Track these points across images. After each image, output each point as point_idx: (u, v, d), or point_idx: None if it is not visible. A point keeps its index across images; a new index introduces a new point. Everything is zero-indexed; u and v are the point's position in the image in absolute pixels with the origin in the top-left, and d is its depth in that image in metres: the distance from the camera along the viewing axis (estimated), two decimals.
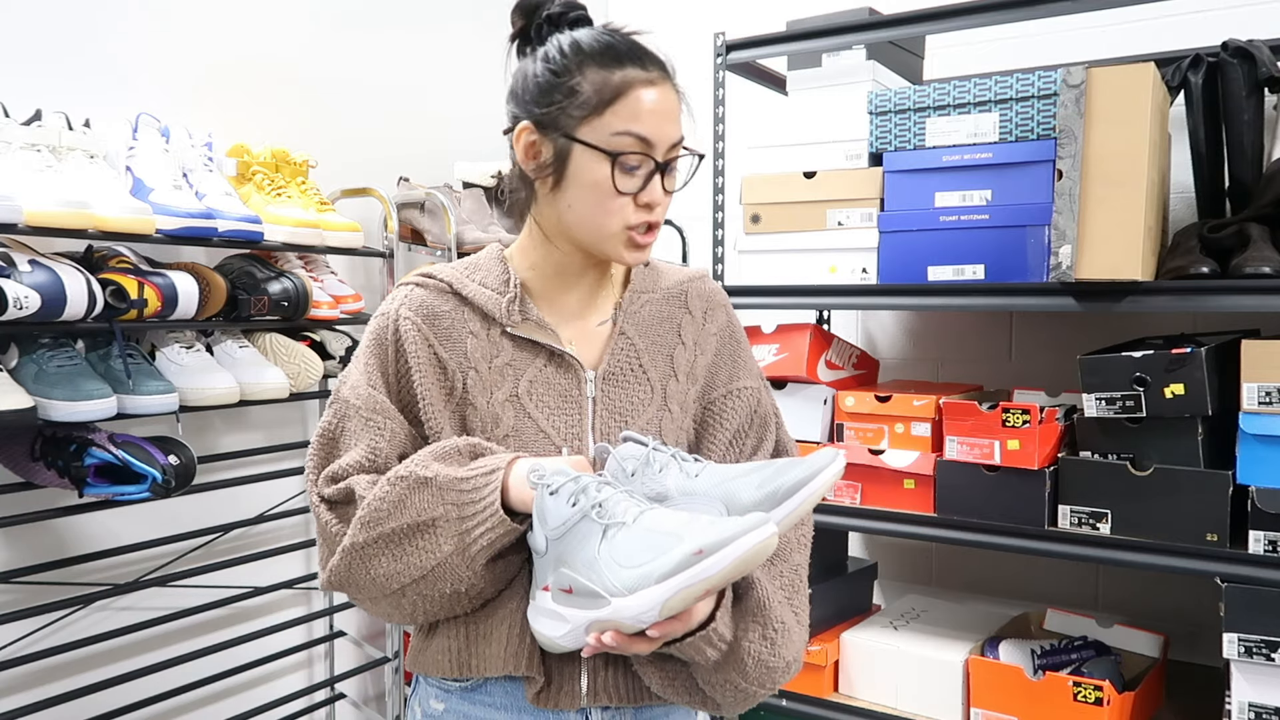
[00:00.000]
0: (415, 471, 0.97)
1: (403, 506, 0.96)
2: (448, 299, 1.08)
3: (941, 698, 1.89)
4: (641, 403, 1.08)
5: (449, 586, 0.97)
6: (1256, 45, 1.74)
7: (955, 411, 1.84)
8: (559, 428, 1.05)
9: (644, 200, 1.02)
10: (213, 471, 2.03)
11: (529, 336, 1.07)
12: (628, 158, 1.00)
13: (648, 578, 0.86)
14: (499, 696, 1.05)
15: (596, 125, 1.00)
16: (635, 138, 1.00)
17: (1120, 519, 1.71)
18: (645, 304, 1.14)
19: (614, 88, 1.00)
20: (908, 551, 2.44)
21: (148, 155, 1.78)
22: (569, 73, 1.01)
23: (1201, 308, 1.63)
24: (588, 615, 0.90)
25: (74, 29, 1.86)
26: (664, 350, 1.12)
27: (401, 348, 1.06)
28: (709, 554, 0.83)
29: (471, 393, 1.05)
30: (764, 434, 1.15)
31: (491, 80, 2.70)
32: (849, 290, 1.94)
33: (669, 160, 1.03)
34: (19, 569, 1.73)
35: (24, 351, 1.60)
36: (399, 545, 0.97)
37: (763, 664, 0.99)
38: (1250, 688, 1.59)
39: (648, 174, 1.02)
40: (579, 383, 1.07)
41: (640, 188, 1.01)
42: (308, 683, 2.33)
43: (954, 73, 2.25)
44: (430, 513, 0.96)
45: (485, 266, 1.12)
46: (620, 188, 1.01)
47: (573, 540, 0.92)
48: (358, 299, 2.17)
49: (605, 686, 1.03)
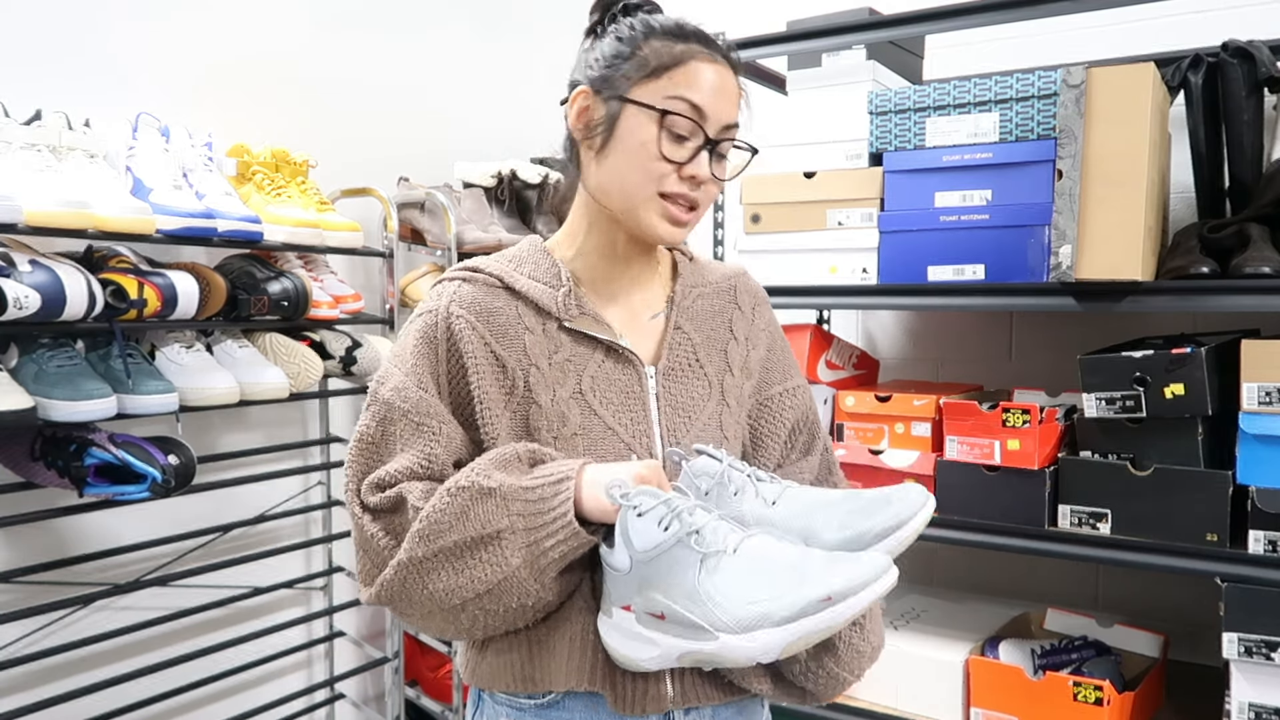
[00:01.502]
0: (477, 481, 0.92)
1: (465, 518, 0.92)
2: (499, 294, 1.04)
3: (942, 698, 1.89)
4: (701, 398, 1.07)
5: (515, 600, 0.93)
6: (1256, 45, 1.74)
7: (955, 411, 1.84)
8: (625, 424, 1.02)
9: (689, 172, 1.00)
10: (213, 471, 2.03)
11: (587, 331, 1.04)
12: (676, 120, 0.99)
13: (767, 618, 0.83)
14: (579, 712, 1.01)
15: (652, 88, 1.00)
16: (689, 103, 0.99)
17: (1120, 519, 1.71)
18: (697, 298, 1.12)
19: (675, 55, 1.00)
20: (908, 551, 2.43)
21: (148, 155, 1.78)
22: (635, 43, 1.01)
23: (1201, 308, 1.63)
24: (685, 645, 0.88)
25: (74, 29, 1.86)
26: (718, 345, 1.11)
27: (455, 347, 1.01)
28: (837, 601, 0.81)
29: (535, 390, 1.01)
30: (815, 433, 1.16)
31: (491, 80, 2.71)
32: (849, 290, 1.94)
33: (721, 140, 1.02)
34: (19, 569, 1.73)
35: (24, 351, 1.60)
36: (461, 559, 0.92)
37: (854, 649, 1.00)
38: (1250, 688, 1.59)
39: (697, 146, 1.00)
40: (640, 378, 1.04)
41: (688, 159, 1.00)
42: (308, 683, 2.33)
43: (954, 73, 2.25)
44: (495, 524, 0.91)
45: (531, 259, 1.08)
46: (665, 152, 0.99)
47: (663, 565, 0.88)
48: (358, 299, 2.17)
49: (692, 688, 1.01)
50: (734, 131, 1.03)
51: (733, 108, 1.02)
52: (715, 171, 1.02)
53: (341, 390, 2.24)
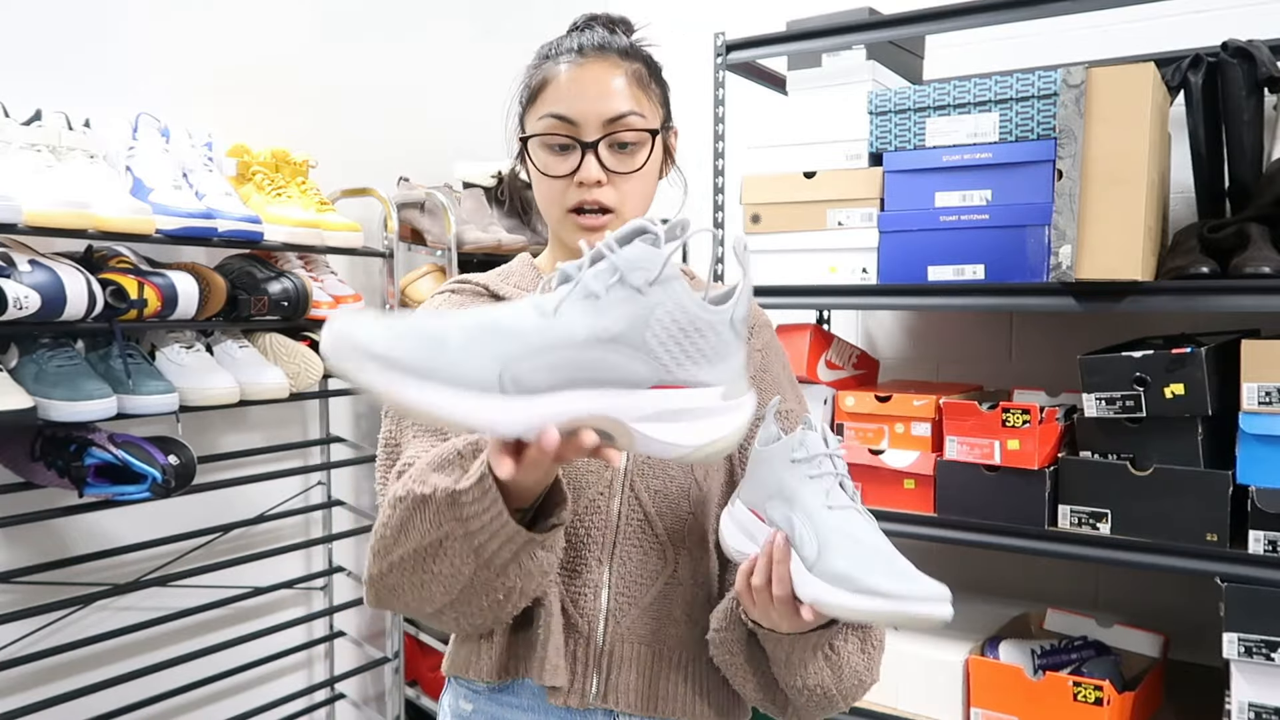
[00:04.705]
0: (414, 490, 0.87)
1: (406, 531, 0.87)
2: (485, 301, 1.08)
3: (942, 698, 1.89)
4: None
5: (487, 599, 0.90)
6: (1256, 45, 1.74)
7: (955, 411, 1.84)
8: None
9: (578, 179, 1.01)
10: (213, 471, 2.03)
11: None
12: (548, 139, 1.02)
13: (852, 582, 0.84)
14: (526, 698, 1.03)
15: (533, 115, 1.04)
16: (554, 118, 1.01)
17: (1120, 519, 1.71)
18: None
19: (542, 76, 1.03)
20: (907, 551, 2.43)
21: (148, 155, 1.78)
22: (525, 78, 1.07)
23: (1201, 308, 1.63)
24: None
25: (74, 29, 1.86)
26: None
27: None
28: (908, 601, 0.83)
29: None
30: None
31: (491, 80, 2.71)
32: (849, 290, 1.94)
33: (608, 136, 1.01)
34: (19, 569, 1.73)
35: (24, 351, 1.60)
36: (416, 572, 0.89)
37: (857, 675, 0.99)
38: (1250, 688, 1.59)
39: (579, 154, 1.01)
40: None
41: (573, 169, 1.01)
42: (308, 683, 2.33)
43: (954, 73, 2.25)
44: (435, 534, 0.86)
45: (518, 272, 1.13)
46: (545, 170, 1.02)
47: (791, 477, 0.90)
48: (358, 299, 2.17)
49: (616, 689, 1.02)
50: (624, 122, 1.02)
51: (610, 101, 1.01)
52: (614, 166, 1.02)
53: (341, 390, 2.24)
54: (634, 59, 1.05)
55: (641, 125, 1.03)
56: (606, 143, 1.01)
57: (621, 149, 1.02)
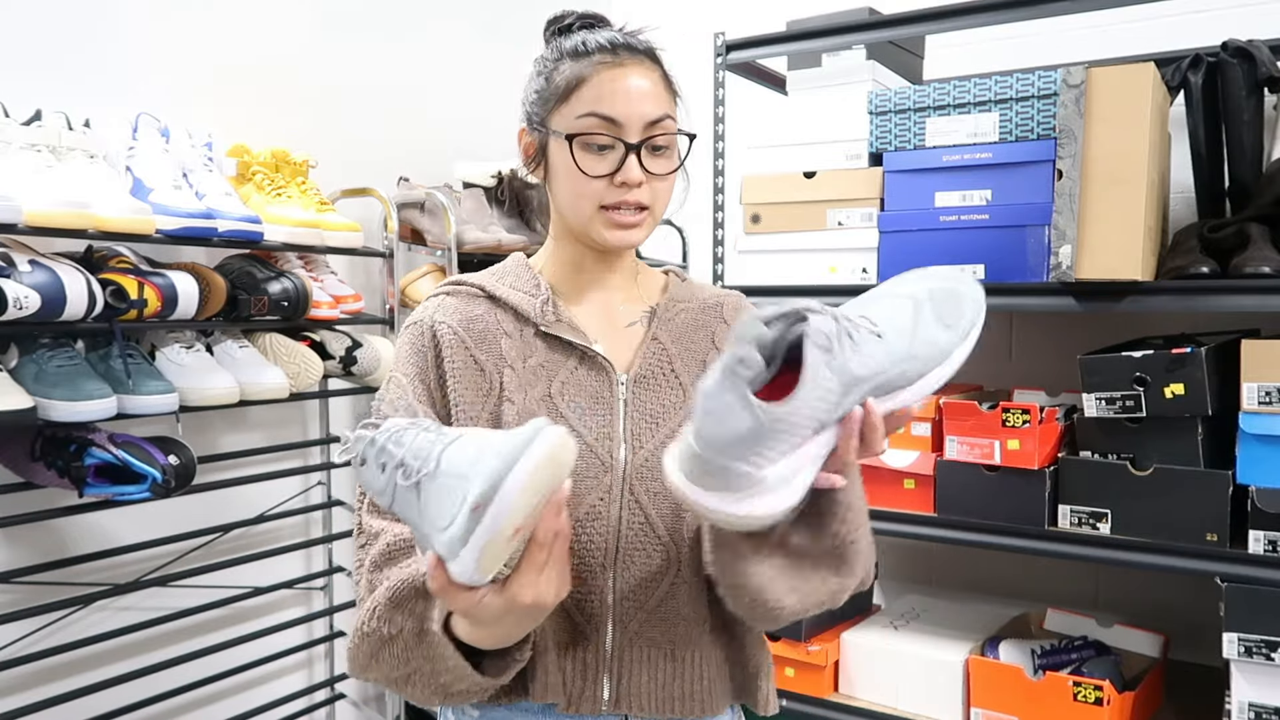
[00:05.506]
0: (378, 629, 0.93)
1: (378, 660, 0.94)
2: (480, 302, 1.08)
3: (941, 698, 1.89)
4: (672, 406, 1.07)
5: (467, 685, 0.93)
6: (1256, 45, 1.74)
7: (955, 411, 1.84)
8: (590, 428, 1.04)
9: (619, 180, 1.02)
10: (213, 471, 2.03)
11: (562, 336, 1.06)
12: (590, 138, 1.02)
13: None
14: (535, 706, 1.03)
15: (564, 112, 1.03)
16: (598, 118, 1.01)
17: (1120, 519, 1.71)
18: (680, 311, 1.14)
19: (579, 74, 1.03)
20: (908, 551, 2.44)
21: (148, 155, 1.78)
22: (548, 73, 1.06)
23: (1201, 308, 1.63)
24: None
25: (74, 29, 1.86)
26: (697, 356, 1.11)
27: (440, 354, 1.04)
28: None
29: (508, 389, 1.03)
30: None
31: (491, 80, 2.71)
32: (849, 290, 1.94)
33: (648, 140, 1.02)
34: (19, 569, 1.73)
35: (24, 351, 1.60)
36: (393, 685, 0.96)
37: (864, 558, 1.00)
38: (1250, 688, 1.59)
39: (621, 154, 1.02)
40: (610, 384, 1.06)
41: (614, 169, 1.02)
42: (308, 683, 2.33)
43: (954, 73, 2.25)
44: (402, 669, 0.93)
45: (514, 272, 1.13)
46: (585, 169, 1.02)
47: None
48: (358, 299, 2.17)
49: (629, 694, 1.02)
50: (662, 125, 1.03)
51: (650, 104, 1.03)
52: (652, 168, 1.03)
53: (342, 390, 2.24)
54: (658, 62, 1.07)
55: (675, 129, 1.05)
56: (648, 145, 1.03)
57: (655, 151, 1.04)
